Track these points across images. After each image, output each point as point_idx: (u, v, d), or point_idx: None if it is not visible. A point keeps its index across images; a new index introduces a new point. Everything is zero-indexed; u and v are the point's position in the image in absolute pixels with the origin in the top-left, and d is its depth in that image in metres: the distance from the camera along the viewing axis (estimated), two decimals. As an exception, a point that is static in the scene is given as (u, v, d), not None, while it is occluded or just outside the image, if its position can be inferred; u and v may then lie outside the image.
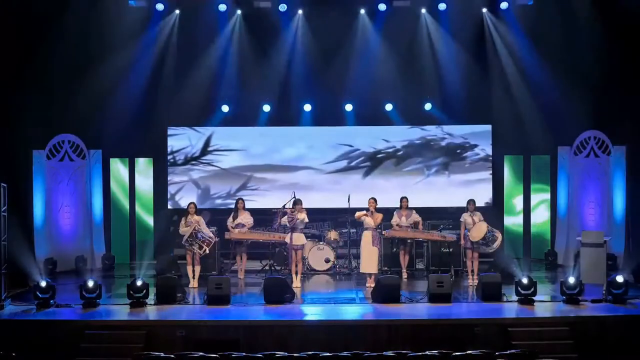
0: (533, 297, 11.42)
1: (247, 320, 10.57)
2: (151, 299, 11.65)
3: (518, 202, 16.69)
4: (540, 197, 16.54)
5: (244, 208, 13.85)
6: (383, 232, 13.68)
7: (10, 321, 10.67)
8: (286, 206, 13.60)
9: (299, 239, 13.09)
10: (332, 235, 14.69)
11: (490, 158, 16.71)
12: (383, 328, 10.37)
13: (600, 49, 14.88)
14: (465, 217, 13.15)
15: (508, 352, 8.68)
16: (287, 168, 16.84)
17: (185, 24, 16.13)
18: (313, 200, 15.48)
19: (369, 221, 12.89)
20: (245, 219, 13.64)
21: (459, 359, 8.36)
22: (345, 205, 14.59)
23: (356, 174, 16.87)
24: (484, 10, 16.27)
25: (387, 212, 13.99)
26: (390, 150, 16.90)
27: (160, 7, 15.87)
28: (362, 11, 16.27)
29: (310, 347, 9.67)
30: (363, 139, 16.88)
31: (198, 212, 13.35)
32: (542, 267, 15.50)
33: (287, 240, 13.16)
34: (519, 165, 16.68)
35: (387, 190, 16.26)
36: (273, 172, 16.80)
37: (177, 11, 16.11)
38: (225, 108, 16.63)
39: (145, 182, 16.57)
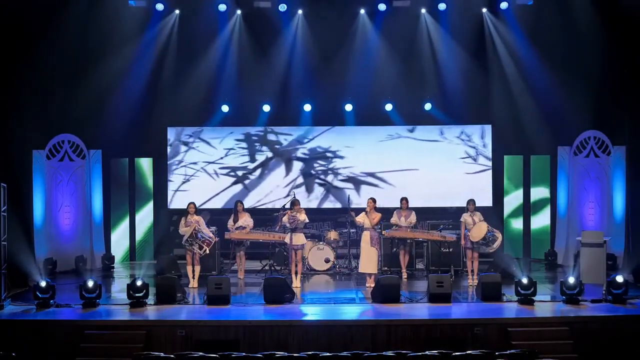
0: (533, 297, 11.42)
1: (247, 320, 10.57)
2: (151, 299, 11.65)
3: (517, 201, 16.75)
4: (540, 197, 16.55)
5: (243, 210, 13.85)
6: (383, 232, 13.68)
7: (10, 321, 10.66)
8: (285, 207, 13.60)
9: (298, 239, 13.07)
10: (332, 235, 14.68)
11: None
12: (383, 328, 10.35)
13: (600, 49, 14.89)
14: (465, 217, 13.15)
15: (508, 352, 8.67)
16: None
17: (185, 24, 16.12)
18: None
19: (366, 221, 12.89)
20: (246, 221, 13.63)
21: (459, 359, 8.36)
22: (346, 205, 14.61)
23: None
24: (484, 10, 16.25)
25: (387, 212, 14.02)
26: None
27: (160, 7, 15.86)
28: (362, 11, 16.26)
29: (310, 347, 9.70)
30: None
31: (198, 212, 13.35)
32: (542, 267, 15.50)
33: (287, 240, 13.16)
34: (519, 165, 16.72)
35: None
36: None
37: (177, 11, 16.10)
38: (225, 108, 16.63)
39: (145, 182, 16.62)
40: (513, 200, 16.74)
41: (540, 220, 16.53)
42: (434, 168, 16.67)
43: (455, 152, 16.77)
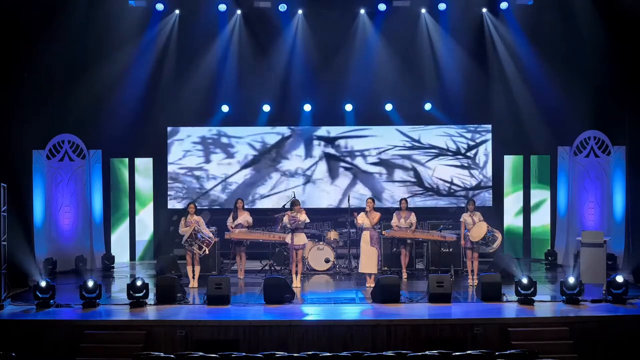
0: (533, 297, 11.42)
1: (247, 320, 10.56)
2: (151, 299, 11.66)
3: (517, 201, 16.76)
4: (540, 197, 16.55)
5: (243, 208, 13.86)
6: (383, 232, 13.69)
7: (10, 321, 10.66)
8: (285, 207, 13.60)
9: (299, 239, 13.07)
10: (332, 235, 14.68)
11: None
12: (383, 328, 10.35)
13: (600, 48, 14.90)
14: (465, 217, 13.14)
15: (508, 352, 8.67)
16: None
17: (185, 24, 16.14)
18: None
19: (366, 221, 12.89)
20: (245, 219, 13.64)
21: (459, 359, 8.36)
22: (345, 205, 14.60)
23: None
24: (484, 10, 16.26)
25: (388, 213, 14.00)
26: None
27: (160, 7, 15.86)
28: (362, 11, 16.27)
29: (310, 347, 9.71)
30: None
31: (198, 212, 13.36)
32: (542, 267, 15.50)
33: (287, 240, 13.16)
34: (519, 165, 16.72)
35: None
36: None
37: (177, 11, 16.11)
38: (225, 108, 16.64)
39: (145, 182, 16.62)
40: (513, 200, 16.75)
41: (540, 220, 16.53)
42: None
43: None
